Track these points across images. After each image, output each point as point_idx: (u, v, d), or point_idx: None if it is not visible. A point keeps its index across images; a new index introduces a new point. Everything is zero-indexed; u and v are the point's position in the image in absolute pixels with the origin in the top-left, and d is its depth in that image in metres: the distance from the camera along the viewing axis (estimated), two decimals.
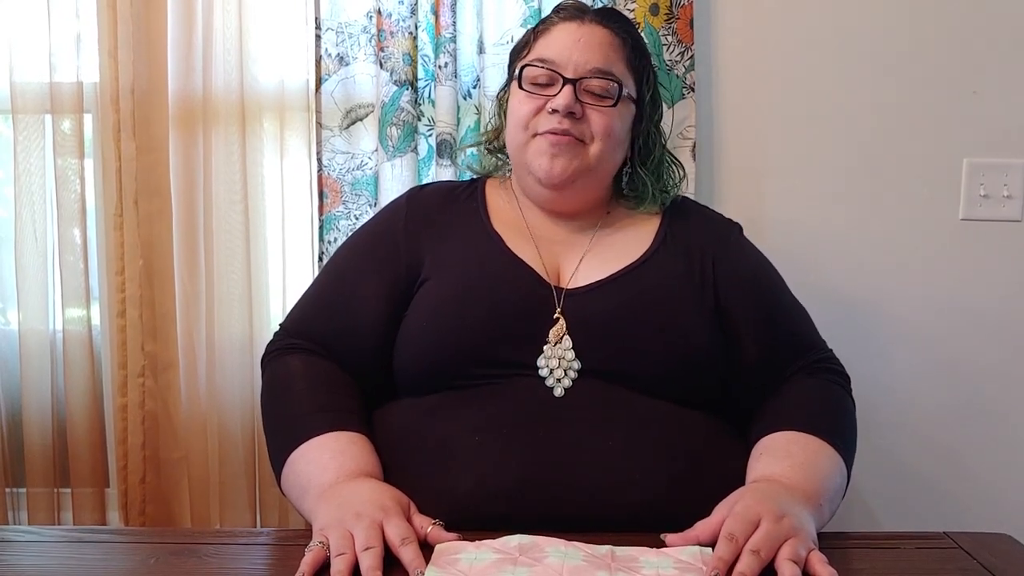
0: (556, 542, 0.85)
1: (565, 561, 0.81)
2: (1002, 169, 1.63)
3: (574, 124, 1.11)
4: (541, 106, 1.12)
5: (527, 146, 1.13)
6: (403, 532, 0.86)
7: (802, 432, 1.03)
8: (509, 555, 0.83)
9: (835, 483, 1.01)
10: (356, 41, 1.56)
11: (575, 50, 1.12)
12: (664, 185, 1.24)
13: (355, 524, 0.86)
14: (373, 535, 0.84)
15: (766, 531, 0.84)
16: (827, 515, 0.98)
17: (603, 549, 0.84)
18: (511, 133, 1.16)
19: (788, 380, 1.11)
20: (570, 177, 1.12)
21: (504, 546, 0.85)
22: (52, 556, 0.89)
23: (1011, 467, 1.68)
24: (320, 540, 0.84)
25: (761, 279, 1.17)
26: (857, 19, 1.61)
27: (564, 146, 1.11)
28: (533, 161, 1.12)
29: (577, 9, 1.18)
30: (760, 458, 1.01)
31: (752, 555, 0.81)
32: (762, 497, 0.90)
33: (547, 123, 1.11)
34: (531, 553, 0.83)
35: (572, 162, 1.11)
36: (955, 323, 1.66)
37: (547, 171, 1.11)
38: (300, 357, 1.12)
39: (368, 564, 0.81)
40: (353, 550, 0.83)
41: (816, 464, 1.00)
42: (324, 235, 1.56)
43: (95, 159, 1.61)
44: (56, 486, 1.64)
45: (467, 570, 0.80)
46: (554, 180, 1.12)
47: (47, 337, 1.61)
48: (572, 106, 1.10)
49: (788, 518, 0.86)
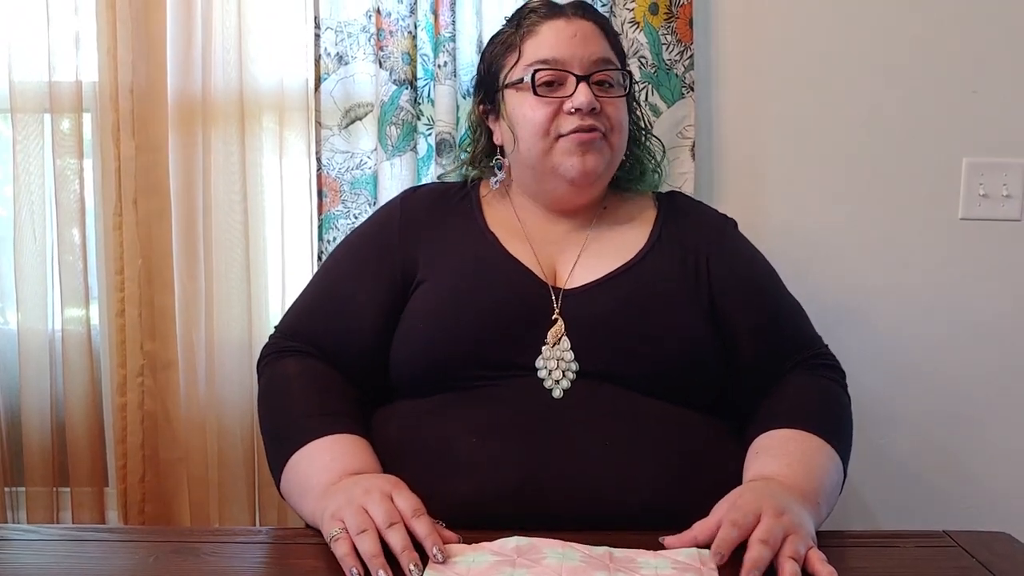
0: (553, 543, 0.84)
1: (563, 562, 0.81)
2: (1001, 169, 1.63)
3: (596, 118, 1.11)
4: (557, 108, 1.11)
5: (552, 150, 1.12)
6: (413, 504, 0.86)
7: (798, 430, 1.03)
8: (507, 557, 0.82)
9: (832, 480, 1.01)
10: (355, 40, 1.56)
11: (575, 45, 1.11)
12: (654, 163, 1.26)
13: (366, 499, 0.86)
14: (389, 508, 0.85)
15: (768, 525, 0.84)
16: (824, 514, 0.97)
17: (600, 550, 0.84)
18: (528, 141, 1.12)
19: (784, 377, 1.11)
20: (600, 171, 1.13)
21: (502, 548, 0.84)
22: (51, 555, 0.89)
23: (1010, 466, 1.68)
24: (338, 527, 0.84)
25: (756, 276, 1.17)
26: (856, 19, 1.61)
27: (593, 142, 1.11)
28: (563, 163, 1.11)
29: (552, 6, 1.17)
30: (757, 457, 1.01)
31: (762, 544, 0.81)
32: (761, 494, 0.90)
33: (570, 123, 1.10)
34: (529, 555, 0.83)
35: (602, 156, 1.12)
36: (954, 322, 1.66)
37: (580, 170, 1.11)
38: (295, 360, 1.12)
39: (400, 543, 0.81)
40: (374, 525, 0.83)
41: (813, 462, 1.00)
42: (323, 234, 1.56)
43: (94, 158, 1.61)
44: (55, 485, 1.64)
45: (465, 573, 0.80)
46: (589, 178, 1.12)
47: (46, 337, 1.61)
48: (594, 102, 1.09)
49: (788, 515, 0.86)
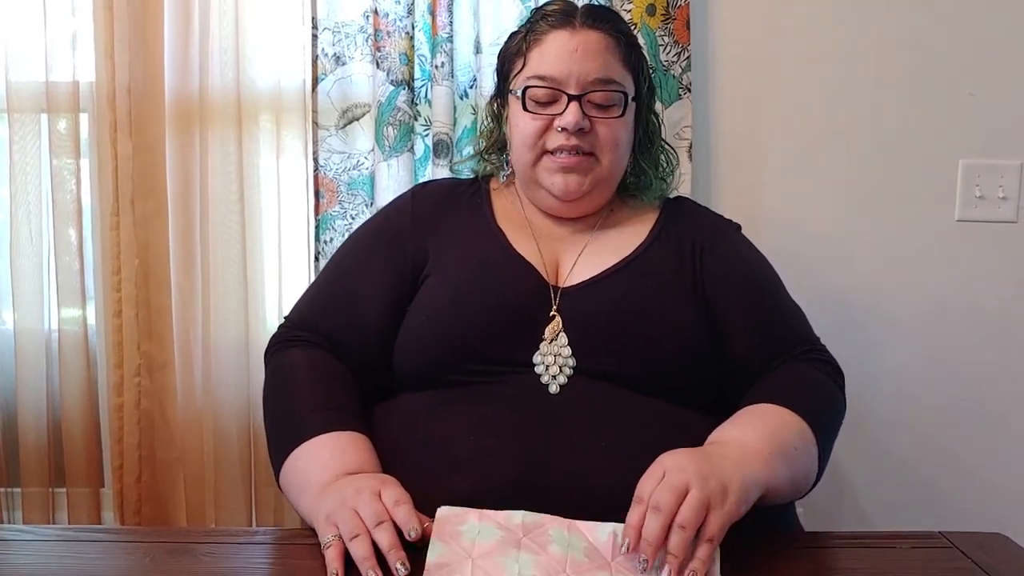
0: (560, 524, 0.85)
1: (568, 552, 0.81)
2: (997, 171, 1.63)
3: (583, 138, 1.11)
4: (547, 124, 1.11)
5: (538, 164, 1.13)
6: (397, 495, 0.87)
7: (776, 405, 1.01)
8: (512, 533, 0.83)
9: (792, 442, 0.97)
10: (353, 41, 1.56)
11: (573, 62, 1.10)
12: (662, 172, 1.24)
13: (357, 500, 0.86)
14: (378, 507, 0.85)
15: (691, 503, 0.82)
16: (782, 473, 0.94)
17: (606, 532, 0.84)
18: (518, 151, 1.15)
19: (774, 367, 1.10)
20: (584, 192, 1.13)
21: (508, 522, 0.84)
22: (47, 555, 0.88)
23: (1005, 467, 1.68)
24: (332, 533, 0.84)
25: (752, 276, 1.17)
26: (853, 21, 1.61)
27: (576, 166, 1.11)
28: (546, 179, 1.13)
29: (565, 12, 1.15)
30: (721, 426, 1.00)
31: (680, 530, 0.81)
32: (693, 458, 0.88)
33: (556, 140, 1.11)
34: (534, 534, 0.83)
35: (586, 177, 1.12)
36: (951, 323, 1.66)
37: (563, 189, 1.12)
38: (303, 351, 1.12)
39: (387, 542, 0.82)
40: (366, 529, 0.83)
41: (778, 431, 0.98)
42: (320, 235, 1.57)
43: (91, 159, 1.60)
44: (51, 486, 1.64)
45: (469, 548, 0.81)
46: (571, 196, 1.13)
47: (43, 337, 1.61)
48: (581, 123, 1.09)
49: (713, 479, 0.85)
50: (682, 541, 0.81)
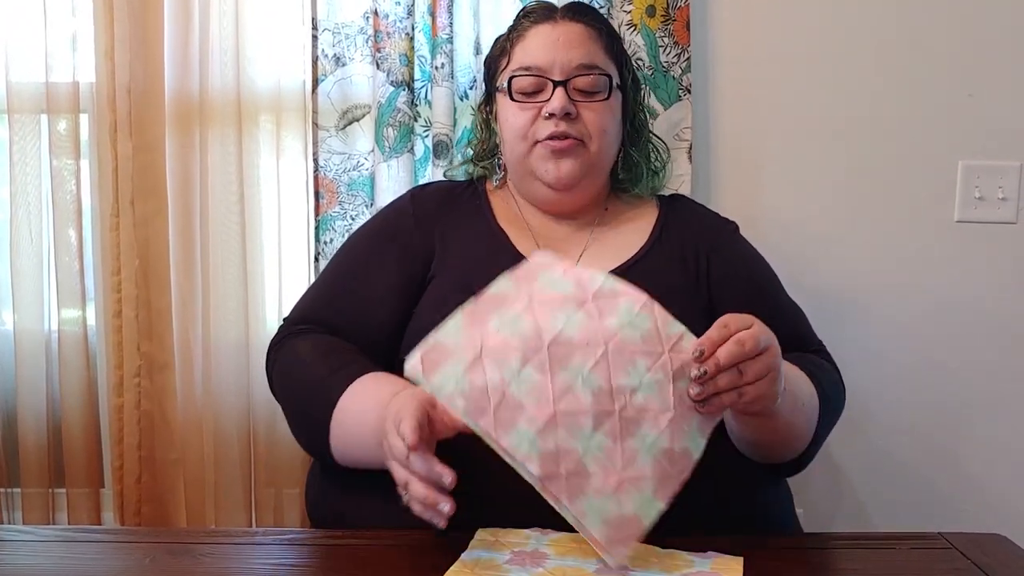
0: (635, 301, 0.85)
1: (623, 329, 0.81)
2: (997, 171, 1.63)
3: (571, 125, 1.12)
4: (536, 114, 1.14)
5: (529, 154, 1.15)
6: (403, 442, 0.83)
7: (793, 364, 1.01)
8: (583, 292, 0.83)
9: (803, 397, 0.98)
10: (353, 42, 1.56)
11: (556, 50, 1.13)
12: (653, 166, 1.25)
13: (386, 444, 0.85)
14: (396, 444, 0.83)
15: (754, 332, 0.83)
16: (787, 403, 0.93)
17: (677, 328, 0.85)
18: (510, 145, 1.17)
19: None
20: (577, 177, 1.14)
21: (588, 282, 0.85)
22: (47, 555, 0.89)
23: (1005, 468, 1.68)
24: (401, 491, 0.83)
25: (755, 277, 1.18)
26: (853, 22, 1.61)
27: (567, 149, 1.12)
28: (539, 167, 1.14)
29: (546, 10, 1.19)
30: None
31: (736, 344, 0.81)
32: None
33: (545, 129, 1.13)
34: (601, 301, 0.83)
35: (577, 162, 1.14)
36: (950, 324, 1.66)
37: (555, 175, 1.13)
38: (306, 337, 1.11)
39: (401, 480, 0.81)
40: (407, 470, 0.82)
41: (791, 368, 0.97)
42: (320, 236, 1.56)
43: (91, 159, 1.60)
44: (51, 486, 1.64)
45: (534, 291, 0.82)
46: (563, 183, 1.14)
47: (43, 337, 1.61)
48: (567, 107, 1.11)
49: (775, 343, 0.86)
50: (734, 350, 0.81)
